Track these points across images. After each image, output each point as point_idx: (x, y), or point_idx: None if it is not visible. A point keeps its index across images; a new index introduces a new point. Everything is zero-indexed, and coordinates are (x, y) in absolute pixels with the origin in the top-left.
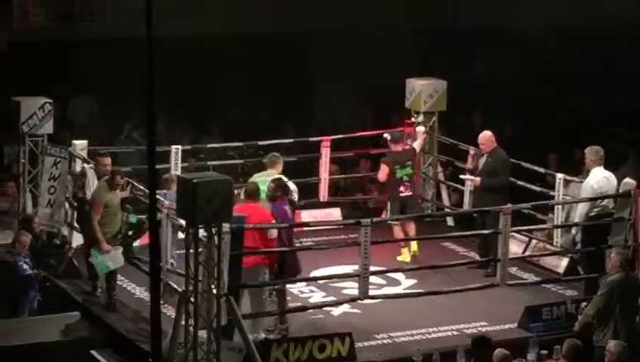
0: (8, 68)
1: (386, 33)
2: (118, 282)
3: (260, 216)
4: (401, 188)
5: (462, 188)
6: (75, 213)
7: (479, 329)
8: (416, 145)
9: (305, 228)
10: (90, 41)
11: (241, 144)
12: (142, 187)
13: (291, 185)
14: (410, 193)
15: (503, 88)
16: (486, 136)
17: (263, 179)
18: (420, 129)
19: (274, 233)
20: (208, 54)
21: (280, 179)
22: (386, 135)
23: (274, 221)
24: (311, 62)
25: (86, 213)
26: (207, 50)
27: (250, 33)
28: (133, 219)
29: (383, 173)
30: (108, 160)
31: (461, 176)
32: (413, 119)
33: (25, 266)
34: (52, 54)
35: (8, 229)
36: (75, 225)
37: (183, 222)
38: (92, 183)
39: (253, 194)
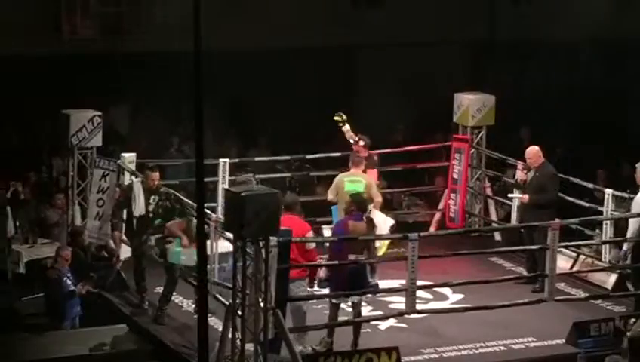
0: (57, 81)
1: (434, 48)
2: None
3: (299, 228)
4: None
5: (510, 203)
6: (124, 225)
7: (527, 344)
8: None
9: None
10: (138, 55)
11: (288, 158)
12: (189, 201)
13: (389, 221)
14: None
15: (552, 103)
16: (533, 150)
17: (350, 179)
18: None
19: (312, 243)
20: (257, 67)
21: (359, 195)
22: (359, 140)
23: (310, 232)
24: (358, 77)
25: (135, 227)
26: (255, 63)
27: (298, 47)
28: None
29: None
30: (157, 175)
31: (509, 195)
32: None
33: (68, 281)
34: (100, 67)
35: (57, 241)
36: (124, 238)
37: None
38: (138, 197)
39: (292, 206)
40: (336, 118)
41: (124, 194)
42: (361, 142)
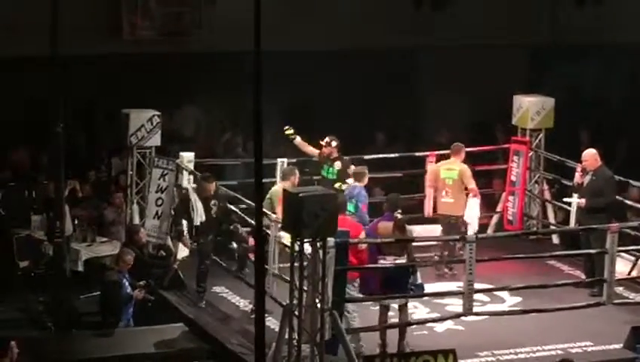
0: (117, 80)
1: (496, 50)
2: (222, 294)
3: (352, 229)
4: None
5: (568, 207)
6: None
7: (584, 348)
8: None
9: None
10: (198, 55)
11: (346, 158)
12: (247, 201)
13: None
14: None
15: (613, 106)
16: (590, 153)
17: (447, 167)
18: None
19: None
20: (318, 68)
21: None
22: (331, 141)
23: (364, 233)
24: (420, 78)
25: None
26: (317, 64)
27: (360, 48)
28: None
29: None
30: (212, 185)
31: (565, 199)
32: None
33: (127, 284)
34: (160, 67)
35: (115, 240)
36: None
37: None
38: (196, 206)
39: (343, 206)
40: (287, 132)
41: (181, 204)
42: (334, 143)
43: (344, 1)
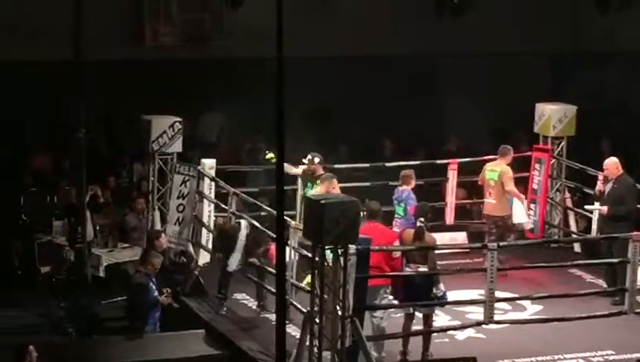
0: (139, 86)
1: (517, 58)
2: (243, 301)
3: (382, 236)
4: None
5: (590, 214)
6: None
7: (606, 357)
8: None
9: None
10: (220, 61)
11: (367, 165)
12: (268, 208)
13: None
14: None
15: (635, 114)
16: (611, 162)
17: (491, 168)
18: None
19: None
20: (340, 74)
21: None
22: (313, 158)
23: (397, 241)
24: (442, 85)
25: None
26: (339, 70)
27: (381, 55)
28: None
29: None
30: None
31: (587, 207)
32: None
33: (154, 287)
34: (182, 73)
35: (137, 245)
36: (204, 243)
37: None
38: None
39: (375, 213)
40: (268, 157)
41: (228, 239)
42: (316, 160)
43: (366, 8)
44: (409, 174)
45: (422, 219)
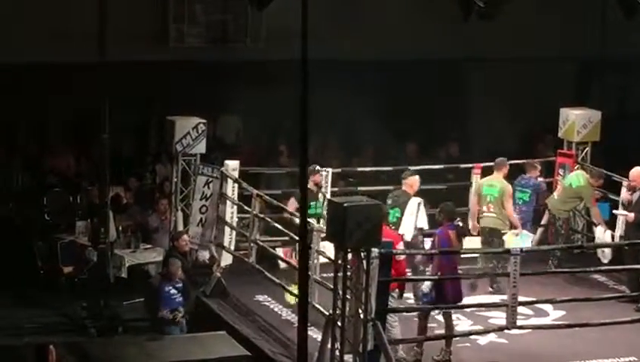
0: (163, 87)
1: (544, 63)
2: (265, 303)
3: (390, 239)
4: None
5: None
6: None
7: None
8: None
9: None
10: (244, 63)
11: (391, 168)
12: (290, 209)
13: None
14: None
15: None
16: (637, 172)
17: (489, 183)
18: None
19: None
20: (364, 78)
21: (447, 204)
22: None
23: (402, 243)
24: (468, 90)
25: None
26: (363, 73)
27: (407, 59)
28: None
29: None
30: None
31: (614, 212)
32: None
33: (173, 291)
34: (206, 75)
35: (159, 246)
36: (226, 245)
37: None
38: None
39: (385, 217)
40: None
41: None
42: (319, 169)
43: (393, 11)
44: (532, 163)
45: (459, 220)
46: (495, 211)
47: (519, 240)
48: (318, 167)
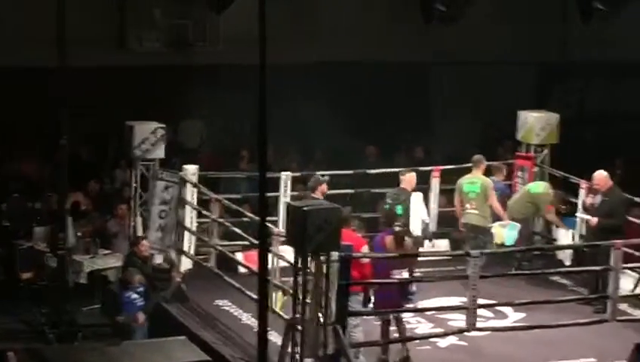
0: (122, 92)
1: (502, 66)
2: (224, 308)
3: (354, 243)
4: None
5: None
6: None
7: None
8: None
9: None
10: (203, 67)
11: (350, 172)
12: (250, 213)
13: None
14: None
15: (613, 124)
16: (601, 176)
17: (469, 181)
18: None
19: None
20: (324, 81)
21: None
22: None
23: (366, 246)
24: (428, 93)
25: None
26: (322, 77)
27: (367, 62)
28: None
29: None
30: None
31: (578, 215)
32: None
33: (131, 297)
34: (164, 79)
35: (118, 252)
36: (186, 249)
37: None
38: None
39: (345, 220)
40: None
41: None
42: (325, 179)
43: (352, 15)
44: (498, 166)
45: (398, 223)
46: (477, 207)
47: (508, 230)
48: (327, 177)
